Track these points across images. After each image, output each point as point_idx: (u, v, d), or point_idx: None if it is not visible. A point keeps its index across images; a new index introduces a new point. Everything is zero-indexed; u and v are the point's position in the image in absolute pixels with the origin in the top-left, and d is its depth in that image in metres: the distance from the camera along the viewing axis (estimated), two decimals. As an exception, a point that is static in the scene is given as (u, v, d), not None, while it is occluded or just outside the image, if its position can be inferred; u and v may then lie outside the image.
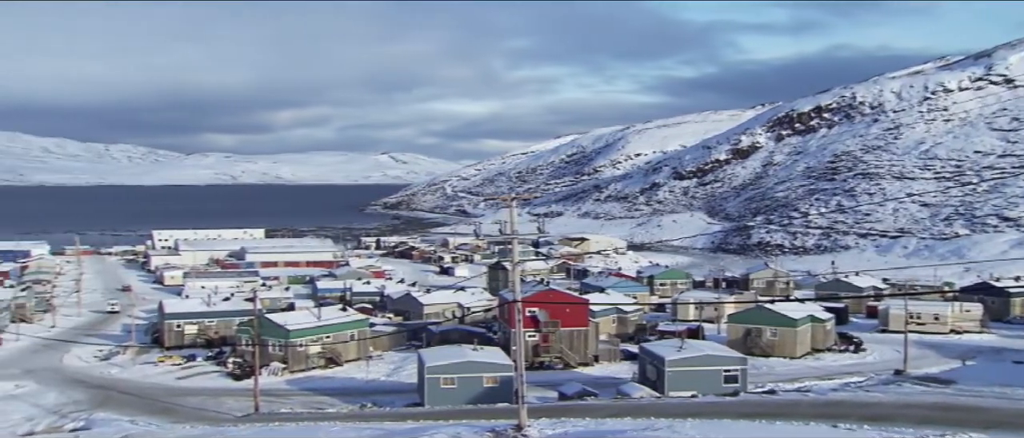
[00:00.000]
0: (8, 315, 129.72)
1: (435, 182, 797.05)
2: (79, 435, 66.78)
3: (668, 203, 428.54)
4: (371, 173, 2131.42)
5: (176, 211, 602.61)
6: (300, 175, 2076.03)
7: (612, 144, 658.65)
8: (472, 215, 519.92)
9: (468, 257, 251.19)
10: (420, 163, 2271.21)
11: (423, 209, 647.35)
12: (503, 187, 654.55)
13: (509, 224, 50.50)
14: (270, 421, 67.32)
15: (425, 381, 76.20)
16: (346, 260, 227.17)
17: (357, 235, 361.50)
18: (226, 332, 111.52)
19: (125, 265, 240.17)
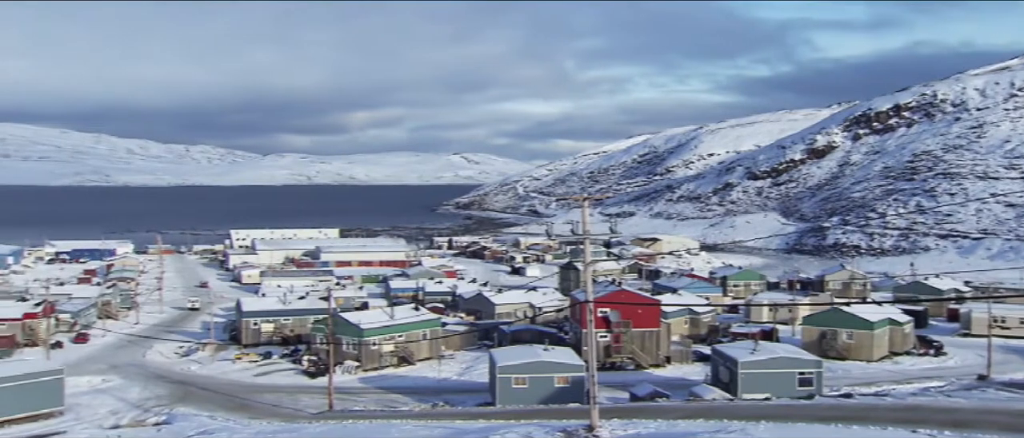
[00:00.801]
0: (95, 312, 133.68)
1: (507, 182, 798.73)
2: (161, 429, 68.55)
3: (741, 203, 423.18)
4: (443, 173, 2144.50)
5: (253, 211, 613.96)
6: (373, 175, 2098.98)
7: (685, 144, 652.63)
8: (543, 215, 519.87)
9: (539, 257, 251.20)
10: (492, 163, 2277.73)
11: (495, 209, 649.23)
12: (575, 187, 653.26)
13: (581, 224, 50.43)
14: (344, 419, 68.18)
15: (497, 381, 76.47)
16: (419, 260, 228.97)
17: (429, 235, 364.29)
18: (301, 330, 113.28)
19: (204, 264, 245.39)
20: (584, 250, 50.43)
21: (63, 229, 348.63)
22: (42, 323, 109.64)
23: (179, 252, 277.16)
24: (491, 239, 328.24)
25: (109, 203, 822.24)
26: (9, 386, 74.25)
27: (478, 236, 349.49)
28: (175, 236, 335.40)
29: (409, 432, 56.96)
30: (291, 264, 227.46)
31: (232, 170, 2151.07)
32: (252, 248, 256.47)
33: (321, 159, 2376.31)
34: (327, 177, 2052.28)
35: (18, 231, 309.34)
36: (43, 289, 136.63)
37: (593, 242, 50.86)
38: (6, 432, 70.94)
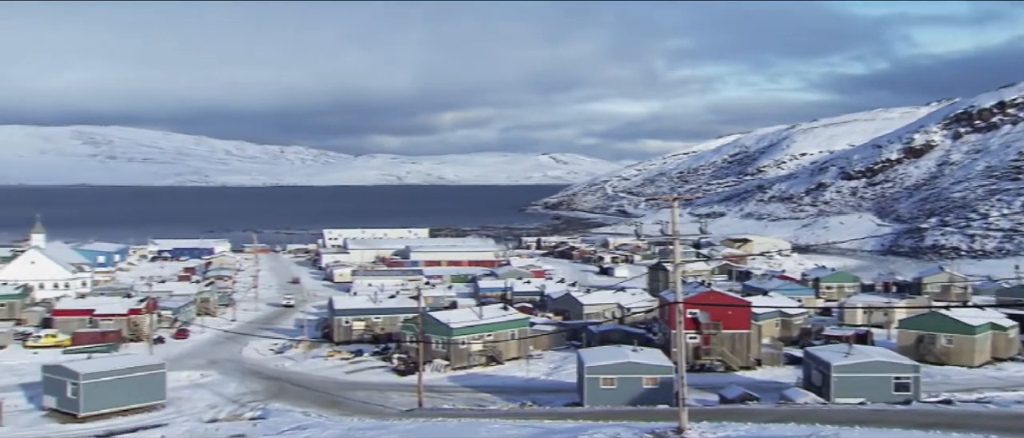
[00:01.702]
0: (194, 309, 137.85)
1: (595, 182, 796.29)
2: (257, 424, 70.37)
3: (835, 204, 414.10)
4: (532, 173, 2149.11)
5: (345, 211, 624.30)
6: (463, 176, 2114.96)
7: (776, 144, 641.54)
8: (632, 215, 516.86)
9: (628, 258, 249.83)
10: (580, 163, 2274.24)
11: (583, 209, 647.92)
12: (664, 187, 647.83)
13: (671, 224, 50.20)
14: (433, 417, 69.01)
15: (585, 381, 76.45)
16: (507, 259, 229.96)
17: (518, 235, 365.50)
18: (391, 328, 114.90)
19: (297, 263, 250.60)
20: (673, 250, 50.18)
21: (165, 228, 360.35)
22: (145, 319, 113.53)
23: (274, 251, 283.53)
24: (579, 239, 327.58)
25: (207, 203, 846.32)
26: (116, 379, 77.23)
27: (566, 236, 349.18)
28: (270, 235, 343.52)
29: (497, 431, 57.44)
30: (382, 263, 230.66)
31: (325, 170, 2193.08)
32: (344, 247, 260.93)
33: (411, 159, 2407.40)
34: (417, 177, 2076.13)
35: (124, 230, 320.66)
36: (146, 286, 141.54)
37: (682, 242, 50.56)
38: (112, 423, 73.77)
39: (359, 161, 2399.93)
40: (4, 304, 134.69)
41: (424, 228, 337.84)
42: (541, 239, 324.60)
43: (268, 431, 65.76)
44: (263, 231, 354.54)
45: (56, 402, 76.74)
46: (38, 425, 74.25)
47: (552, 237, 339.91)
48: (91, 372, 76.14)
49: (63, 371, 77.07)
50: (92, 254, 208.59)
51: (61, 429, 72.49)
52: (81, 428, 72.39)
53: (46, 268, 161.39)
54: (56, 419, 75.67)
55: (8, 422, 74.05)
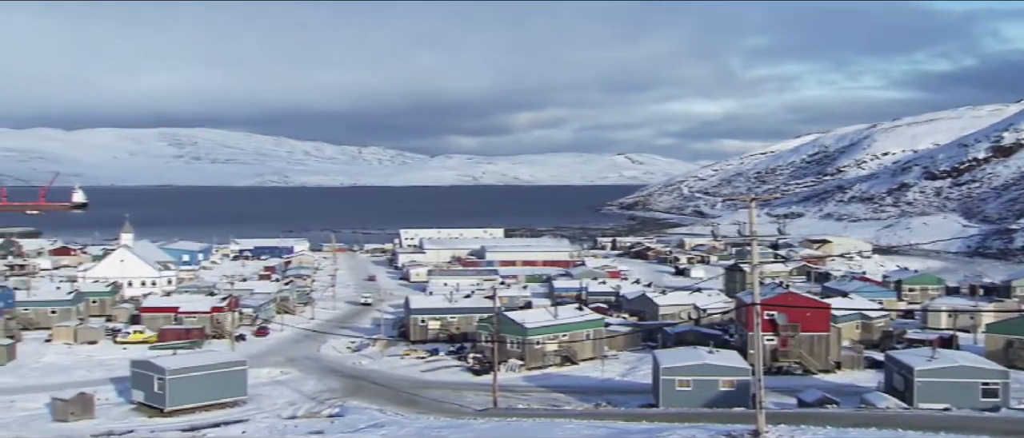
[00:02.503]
0: (274, 307, 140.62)
1: (671, 183, 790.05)
2: (335, 421, 71.52)
3: (918, 204, 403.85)
4: (607, 174, 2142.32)
5: (421, 211, 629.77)
6: (538, 176, 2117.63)
7: (857, 143, 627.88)
8: (709, 216, 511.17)
9: (704, 258, 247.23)
10: (656, 164, 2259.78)
11: (659, 209, 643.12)
12: (741, 188, 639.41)
13: (748, 225, 49.70)
14: (508, 416, 69.33)
15: (660, 382, 76.06)
16: (582, 260, 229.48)
17: (593, 235, 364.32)
18: (467, 328, 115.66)
19: (374, 262, 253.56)
20: (751, 251, 49.65)
21: (246, 228, 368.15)
22: (227, 317, 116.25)
23: (351, 250, 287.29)
24: (655, 240, 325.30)
25: (287, 203, 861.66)
26: (200, 375, 79.33)
27: (642, 236, 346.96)
28: (348, 235, 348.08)
29: (572, 431, 57.51)
30: (457, 263, 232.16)
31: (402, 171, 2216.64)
32: (420, 247, 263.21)
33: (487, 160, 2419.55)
34: (493, 178, 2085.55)
35: (207, 229, 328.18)
36: (228, 285, 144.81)
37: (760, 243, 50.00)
38: (196, 418, 75.76)
39: (435, 161, 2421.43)
40: (96, 301, 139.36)
41: (499, 228, 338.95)
42: (616, 239, 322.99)
43: (345, 428, 66.76)
44: (341, 231, 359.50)
45: (144, 396, 79.18)
46: (127, 418, 76.67)
47: (627, 237, 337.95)
48: (176, 368, 78.37)
49: (150, 366, 79.46)
50: (177, 253, 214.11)
51: (148, 422, 74.70)
52: (167, 422, 74.49)
53: (134, 266, 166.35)
54: (143, 413, 78.05)
55: (100, 414, 76.66)
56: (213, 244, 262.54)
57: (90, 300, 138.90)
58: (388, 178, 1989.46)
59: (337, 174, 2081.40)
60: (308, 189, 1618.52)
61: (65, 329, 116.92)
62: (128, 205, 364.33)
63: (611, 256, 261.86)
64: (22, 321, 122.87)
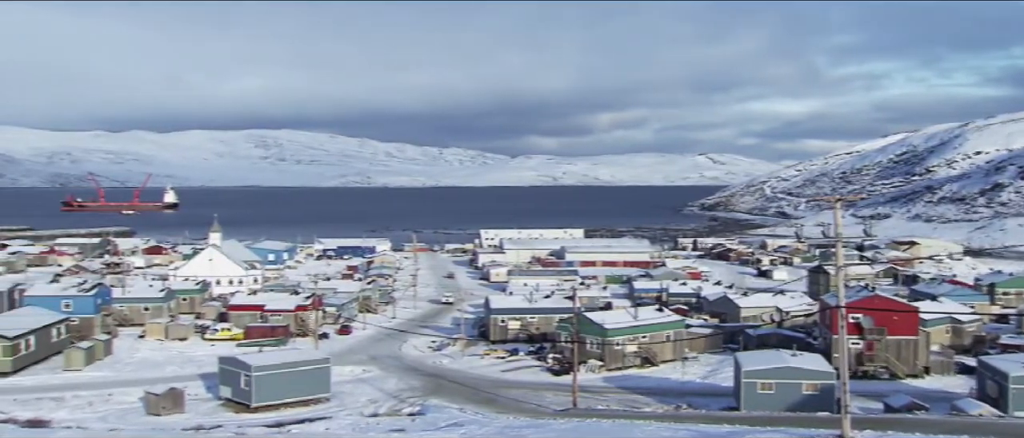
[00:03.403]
0: (356, 306, 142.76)
1: (753, 183, 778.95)
2: (416, 419, 72.36)
3: (1013, 205, 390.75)
4: (688, 174, 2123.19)
5: (502, 211, 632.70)
6: (618, 176, 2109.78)
7: (947, 142, 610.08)
8: (792, 217, 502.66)
9: (787, 260, 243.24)
10: (738, 164, 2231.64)
11: (741, 210, 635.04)
12: (825, 188, 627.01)
13: (833, 226, 48.95)
14: (588, 416, 69.31)
15: (742, 385, 75.15)
16: (663, 261, 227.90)
17: (674, 236, 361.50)
18: (546, 328, 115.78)
19: (455, 262, 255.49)
20: (836, 253, 48.84)
21: (329, 228, 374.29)
22: (311, 315, 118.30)
23: (432, 250, 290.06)
24: (737, 241, 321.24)
25: (370, 203, 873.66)
26: (285, 372, 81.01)
27: (723, 237, 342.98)
28: (429, 235, 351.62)
29: (652, 433, 57.29)
30: (537, 263, 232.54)
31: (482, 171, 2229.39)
32: (500, 247, 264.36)
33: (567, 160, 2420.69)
34: (573, 178, 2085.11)
35: (292, 229, 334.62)
36: (312, 283, 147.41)
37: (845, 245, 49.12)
38: (281, 414, 77.37)
39: (516, 162, 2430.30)
40: (186, 299, 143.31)
41: (579, 228, 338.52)
42: (697, 240, 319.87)
43: (426, 426, 67.48)
44: (422, 231, 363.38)
45: (231, 392, 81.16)
46: (215, 414, 78.67)
47: (709, 238, 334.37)
48: (262, 365, 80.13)
49: (237, 363, 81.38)
50: (263, 252, 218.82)
51: (235, 418, 76.49)
52: (253, 418, 76.17)
53: (222, 265, 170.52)
54: (231, 409, 79.98)
55: (189, 409, 78.85)
56: (297, 244, 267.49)
57: (180, 298, 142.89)
58: (469, 179, 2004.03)
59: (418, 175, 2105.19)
60: (390, 189, 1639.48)
61: (157, 326, 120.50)
62: (216, 205, 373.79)
63: (692, 257, 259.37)
64: (118, 317, 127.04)
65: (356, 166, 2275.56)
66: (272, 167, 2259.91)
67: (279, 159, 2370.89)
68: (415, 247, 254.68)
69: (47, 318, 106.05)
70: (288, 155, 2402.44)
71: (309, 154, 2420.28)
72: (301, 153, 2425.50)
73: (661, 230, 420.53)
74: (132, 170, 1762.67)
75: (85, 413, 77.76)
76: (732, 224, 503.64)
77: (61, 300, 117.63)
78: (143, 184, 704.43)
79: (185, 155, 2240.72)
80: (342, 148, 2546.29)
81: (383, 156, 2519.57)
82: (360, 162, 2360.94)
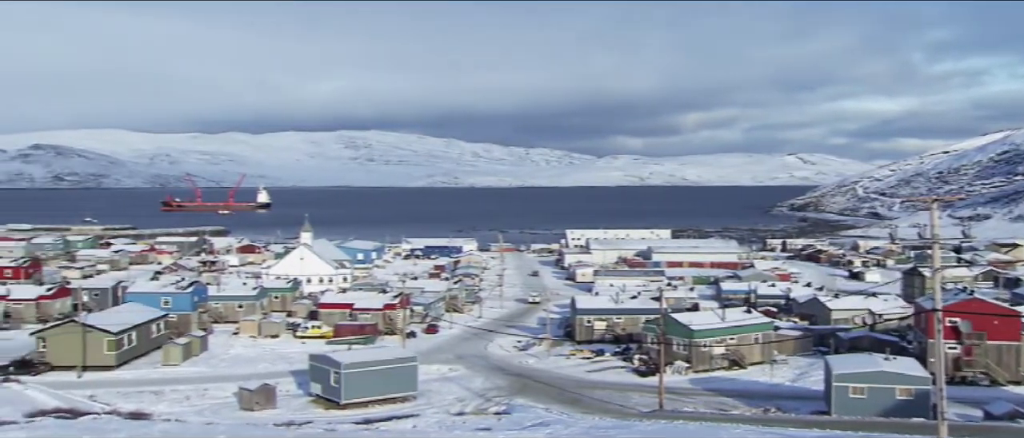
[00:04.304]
0: (443, 305, 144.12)
1: (845, 183, 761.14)
2: (502, 419, 72.74)
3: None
4: (777, 174, 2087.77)
5: (588, 211, 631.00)
6: (705, 176, 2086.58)
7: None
8: (885, 218, 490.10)
9: (880, 262, 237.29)
10: (829, 164, 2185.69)
11: (832, 211, 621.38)
12: (921, 188, 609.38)
13: (929, 227, 47.75)
14: (674, 418, 68.83)
15: (833, 389, 73.71)
16: (751, 262, 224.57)
17: (762, 237, 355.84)
18: (633, 329, 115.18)
19: (541, 261, 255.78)
20: (932, 255, 47.60)
21: (417, 227, 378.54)
22: (399, 314, 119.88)
23: (518, 250, 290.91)
24: (827, 242, 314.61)
25: (457, 203, 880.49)
26: (374, 370, 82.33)
27: (813, 239, 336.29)
28: (515, 235, 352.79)
29: (740, 436, 56.57)
30: (623, 264, 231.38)
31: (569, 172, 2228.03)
32: (586, 247, 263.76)
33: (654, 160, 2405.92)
34: (660, 178, 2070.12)
35: (380, 229, 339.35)
36: (400, 283, 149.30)
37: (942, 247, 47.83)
38: (370, 411, 78.66)
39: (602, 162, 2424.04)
40: (278, 297, 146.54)
41: (666, 229, 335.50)
42: (786, 241, 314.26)
43: (512, 426, 67.75)
44: (508, 231, 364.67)
45: (321, 389, 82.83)
46: (306, 410, 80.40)
47: (798, 239, 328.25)
48: (352, 362, 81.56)
49: (327, 361, 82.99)
50: (352, 251, 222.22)
51: (325, 415, 78.03)
52: (342, 414, 77.61)
53: (313, 264, 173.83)
54: (321, 405, 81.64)
55: (281, 405, 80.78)
56: (386, 243, 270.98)
57: (272, 296, 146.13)
58: (555, 179, 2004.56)
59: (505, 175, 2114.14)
60: (477, 189, 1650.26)
61: (250, 323, 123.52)
62: (307, 205, 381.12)
63: (781, 258, 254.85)
64: (213, 315, 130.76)
65: (443, 166, 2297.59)
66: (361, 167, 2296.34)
67: (368, 159, 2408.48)
68: (501, 247, 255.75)
69: (147, 314, 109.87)
70: (377, 155, 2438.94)
71: (397, 154, 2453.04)
72: (389, 153, 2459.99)
73: (749, 231, 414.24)
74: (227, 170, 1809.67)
75: (182, 407, 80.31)
76: (822, 225, 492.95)
77: (160, 297, 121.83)
78: (237, 184, 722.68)
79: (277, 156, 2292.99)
80: (429, 148, 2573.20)
81: (470, 156, 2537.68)
82: (447, 162, 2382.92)
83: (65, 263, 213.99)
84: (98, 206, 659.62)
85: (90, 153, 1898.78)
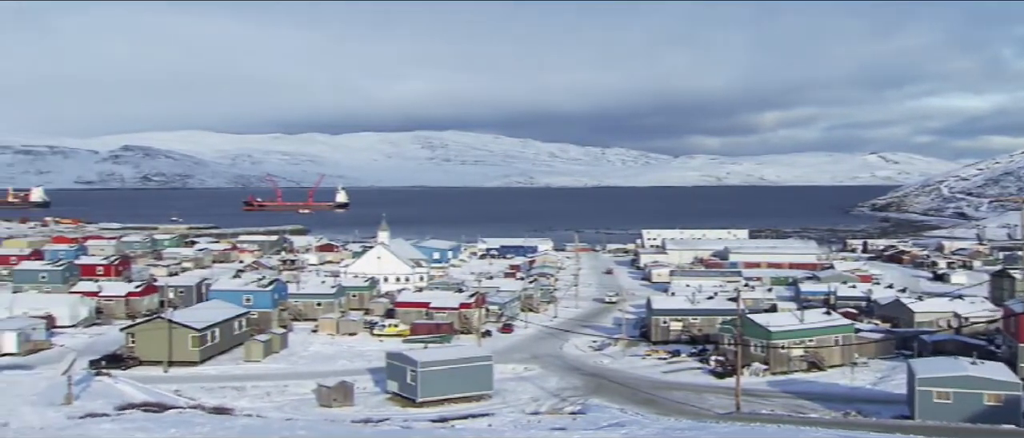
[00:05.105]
0: (518, 304, 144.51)
1: (929, 183, 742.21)
2: (577, 419, 72.73)
3: None
4: (858, 174, 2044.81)
5: (664, 211, 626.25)
6: (784, 176, 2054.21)
7: None
8: (972, 218, 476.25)
9: (966, 263, 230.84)
10: (913, 163, 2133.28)
11: (915, 211, 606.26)
12: (1010, 188, 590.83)
13: (1020, 228, 46.43)
14: (751, 421, 68.03)
15: (916, 393, 71.94)
16: (831, 263, 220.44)
17: (842, 237, 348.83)
18: (709, 330, 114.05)
19: (616, 261, 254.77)
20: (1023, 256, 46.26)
21: (493, 227, 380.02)
22: (475, 313, 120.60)
23: (594, 250, 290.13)
24: (910, 242, 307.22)
25: (532, 203, 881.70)
26: (450, 368, 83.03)
27: (896, 239, 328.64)
28: (590, 235, 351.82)
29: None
30: (700, 264, 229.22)
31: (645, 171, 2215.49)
32: (662, 247, 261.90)
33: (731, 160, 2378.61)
34: (737, 178, 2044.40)
35: (456, 228, 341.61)
36: (475, 282, 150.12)
37: (1030, 248, 46.50)
38: (445, 410, 79.31)
39: (678, 162, 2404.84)
40: (355, 295, 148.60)
41: (744, 229, 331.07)
42: (867, 242, 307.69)
43: (587, 426, 67.66)
44: (584, 231, 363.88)
45: (397, 387, 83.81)
46: (382, 407, 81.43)
47: (880, 240, 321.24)
48: (428, 361, 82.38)
49: (404, 359, 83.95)
50: (428, 251, 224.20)
51: (401, 412, 78.90)
52: (418, 412, 78.37)
53: (390, 263, 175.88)
54: (397, 403, 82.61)
55: (358, 402, 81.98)
56: (462, 243, 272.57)
57: (350, 294, 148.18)
58: (631, 178, 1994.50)
59: (581, 175, 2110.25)
60: (552, 189, 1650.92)
61: (329, 321, 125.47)
62: (384, 205, 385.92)
63: (862, 259, 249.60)
64: (293, 312, 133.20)
65: (519, 166, 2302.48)
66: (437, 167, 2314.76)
67: (444, 160, 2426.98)
68: (577, 247, 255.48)
69: (230, 311, 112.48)
70: (453, 156, 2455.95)
71: (473, 155, 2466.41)
72: (465, 154, 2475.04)
73: (829, 231, 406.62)
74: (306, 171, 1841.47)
75: (263, 402, 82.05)
76: (905, 225, 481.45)
77: (242, 295, 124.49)
78: (316, 184, 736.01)
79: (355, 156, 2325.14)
80: (505, 149, 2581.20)
81: (546, 156, 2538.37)
82: (523, 162, 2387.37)
83: (152, 261, 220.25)
84: (183, 206, 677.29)
85: (176, 154, 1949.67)
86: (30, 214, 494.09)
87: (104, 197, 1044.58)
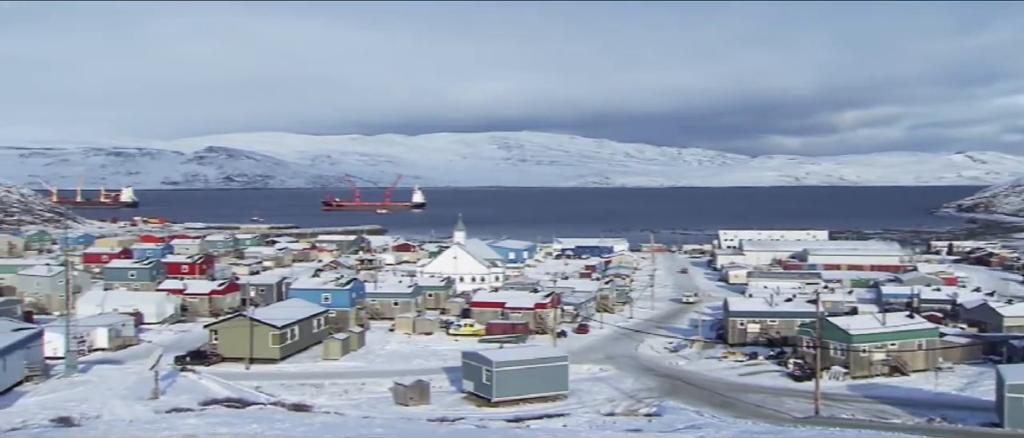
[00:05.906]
0: (594, 305, 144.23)
1: (1020, 183, 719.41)
2: (652, 420, 72.41)
3: None
4: (944, 174, 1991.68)
5: (741, 212, 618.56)
6: (865, 177, 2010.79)
7: None
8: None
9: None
10: (1003, 163, 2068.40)
11: (1004, 212, 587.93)
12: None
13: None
14: (831, 425, 66.95)
15: (1005, 400, 69.89)
16: (914, 265, 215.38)
17: (926, 239, 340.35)
18: (787, 332, 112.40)
19: (692, 262, 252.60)
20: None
21: (568, 227, 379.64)
22: (550, 313, 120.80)
23: (670, 251, 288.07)
24: (999, 244, 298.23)
25: (608, 203, 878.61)
26: (525, 368, 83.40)
27: (983, 241, 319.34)
28: (666, 235, 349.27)
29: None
30: (778, 265, 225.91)
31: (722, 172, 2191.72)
32: (739, 248, 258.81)
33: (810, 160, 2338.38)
34: (816, 178, 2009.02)
35: (531, 229, 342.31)
36: (551, 282, 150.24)
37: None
38: (520, 409, 79.66)
39: (756, 162, 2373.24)
40: (432, 295, 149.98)
41: (823, 230, 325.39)
42: (953, 244, 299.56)
43: (663, 428, 67.34)
44: (660, 231, 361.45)
45: (473, 386, 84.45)
46: (458, 406, 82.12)
47: (966, 242, 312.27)
48: (503, 361, 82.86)
49: (479, 358, 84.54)
50: (504, 251, 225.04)
51: (477, 411, 79.45)
52: (494, 412, 78.82)
53: (465, 263, 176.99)
54: (473, 402, 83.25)
55: (434, 401, 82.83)
56: (537, 243, 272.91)
57: (427, 294, 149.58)
58: (708, 179, 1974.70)
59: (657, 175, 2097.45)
60: (628, 190, 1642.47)
61: (405, 320, 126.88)
62: (460, 205, 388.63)
63: (947, 261, 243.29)
64: (370, 311, 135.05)
65: (594, 166, 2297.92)
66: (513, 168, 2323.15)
67: (520, 160, 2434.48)
68: (653, 247, 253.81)
69: (309, 310, 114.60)
70: (528, 156, 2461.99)
71: (549, 155, 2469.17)
72: (541, 154, 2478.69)
73: (912, 232, 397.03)
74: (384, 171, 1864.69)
75: (341, 400, 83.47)
76: (994, 227, 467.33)
77: (321, 293, 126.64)
78: (393, 185, 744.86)
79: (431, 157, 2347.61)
80: (581, 149, 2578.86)
81: (621, 157, 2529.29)
82: (598, 163, 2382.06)
83: (234, 260, 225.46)
84: (264, 206, 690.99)
85: (257, 155, 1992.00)
86: (120, 214, 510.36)
87: (189, 197, 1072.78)
